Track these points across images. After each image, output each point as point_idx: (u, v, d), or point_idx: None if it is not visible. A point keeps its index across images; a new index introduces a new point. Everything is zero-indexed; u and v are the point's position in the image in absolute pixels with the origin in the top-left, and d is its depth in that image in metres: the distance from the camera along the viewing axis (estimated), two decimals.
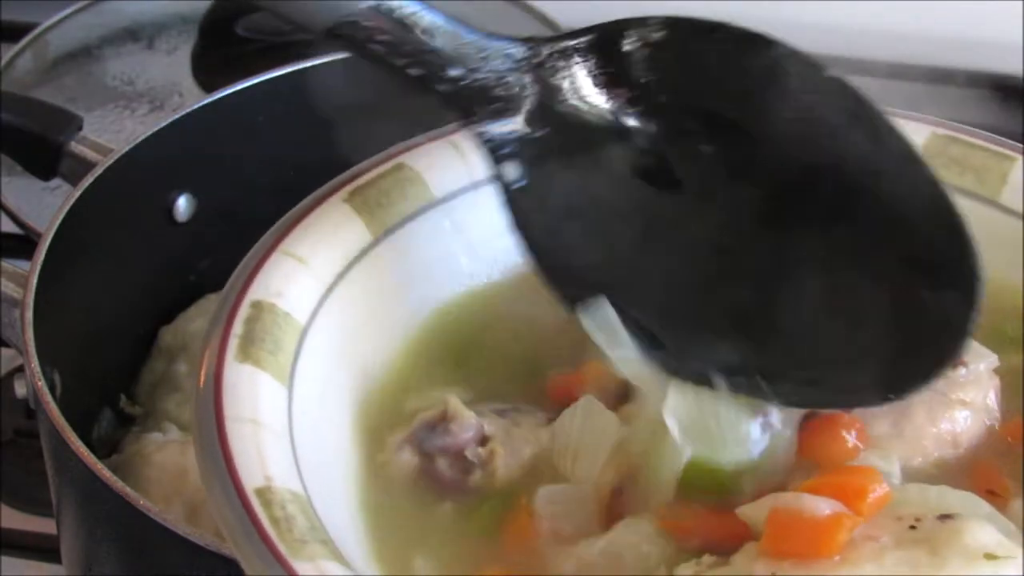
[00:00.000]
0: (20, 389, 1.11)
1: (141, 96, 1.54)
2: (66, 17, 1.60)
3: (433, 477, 0.82)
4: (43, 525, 1.23)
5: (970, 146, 0.95)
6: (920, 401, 0.83)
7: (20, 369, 1.13)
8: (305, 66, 1.27)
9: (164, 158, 1.21)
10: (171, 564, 0.94)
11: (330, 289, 0.85)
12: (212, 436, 0.74)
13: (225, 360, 0.78)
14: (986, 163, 0.94)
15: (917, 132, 0.94)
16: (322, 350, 0.82)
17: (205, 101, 1.24)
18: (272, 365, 0.79)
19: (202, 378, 0.77)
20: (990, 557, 0.73)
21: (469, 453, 0.82)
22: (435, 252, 0.91)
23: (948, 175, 0.92)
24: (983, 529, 0.74)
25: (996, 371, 0.86)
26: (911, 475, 0.82)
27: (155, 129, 1.21)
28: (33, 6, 1.65)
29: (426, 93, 0.85)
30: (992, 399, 0.85)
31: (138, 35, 1.62)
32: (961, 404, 0.84)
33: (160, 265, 1.23)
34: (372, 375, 0.86)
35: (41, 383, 1.00)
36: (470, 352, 0.89)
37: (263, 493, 0.72)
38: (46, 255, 1.08)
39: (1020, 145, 0.96)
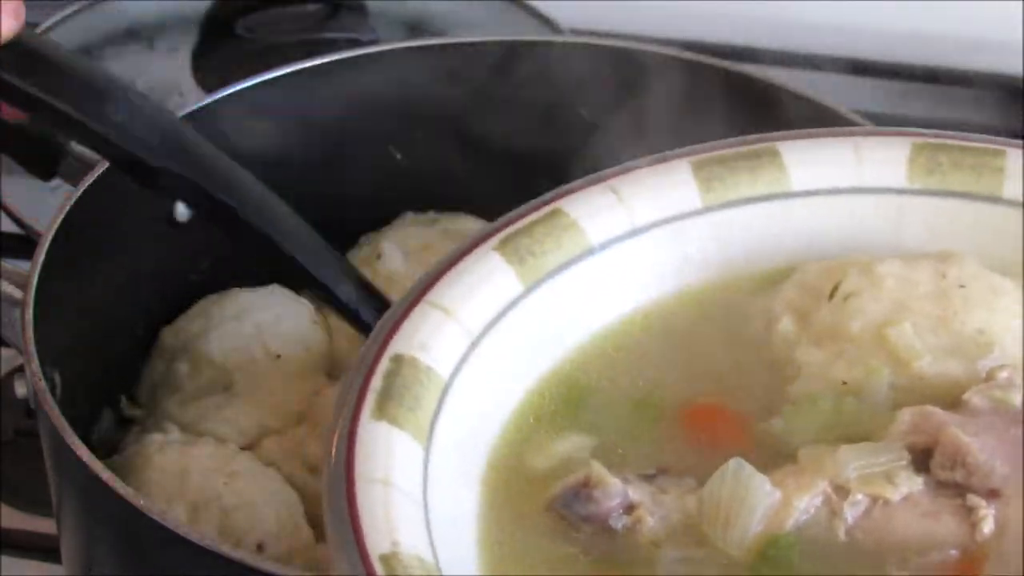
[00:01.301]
0: (20, 389, 1.11)
1: None
2: (66, 17, 1.59)
3: (575, 545, 0.78)
4: (43, 525, 1.23)
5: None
6: None
7: (20, 369, 1.13)
8: (305, 66, 1.27)
9: None
10: (171, 564, 0.94)
11: (476, 342, 0.81)
12: (341, 497, 0.71)
13: (361, 417, 0.75)
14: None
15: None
16: (464, 408, 0.79)
17: (205, 101, 1.24)
18: (410, 423, 0.76)
19: (335, 437, 0.75)
20: None
21: (614, 521, 0.78)
22: (586, 303, 0.87)
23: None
24: None
25: None
26: None
27: None
28: (33, 6, 1.63)
29: None
30: None
31: (138, 35, 1.62)
32: None
33: (160, 265, 1.23)
34: (508, 433, 0.83)
35: (41, 383, 1.00)
36: (602, 394, 0.86)
37: (388, 560, 0.69)
38: (46, 255, 1.08)
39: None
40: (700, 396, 0.85)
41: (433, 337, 0.80)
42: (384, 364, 0.77)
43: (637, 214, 0.88)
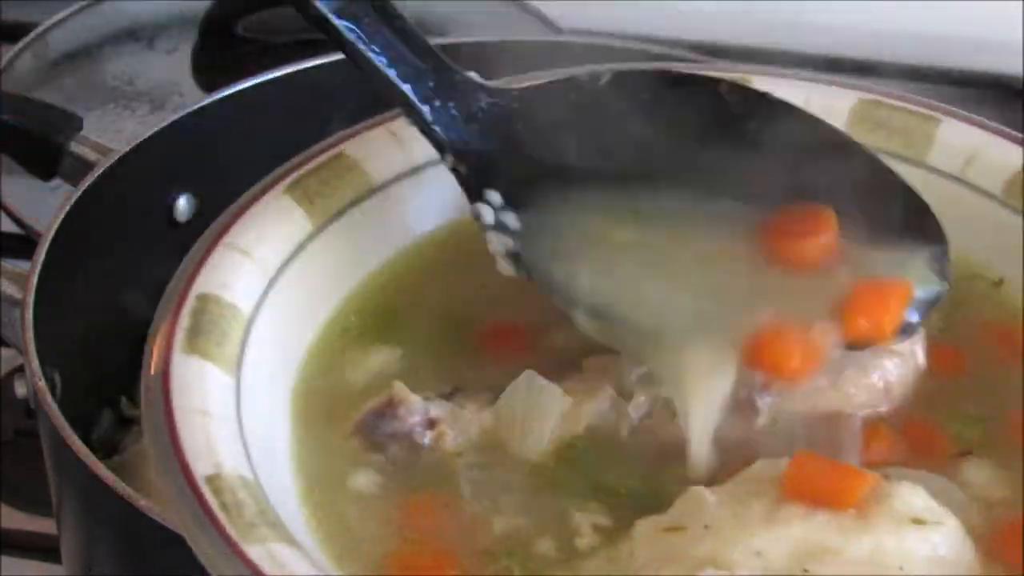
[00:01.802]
0: (20, 389, 1.11)
1: (141, 96, 1.54)
2: (66, 17, 1.60)
3: (382, 464, 0.83)
4: (43, 525, 1.23)
5: (895, 109, 0.97)
6: (850, 353, 0.84)
7: (20, 369, 1.14)
8: (305, 66, 1.27)
9: (164, 158, 1.21)
10: (171, 564, 0.94)
11: (273, 280, 0.86)
12: (162, 427, 0.76)
13: (173, 352, 0.80)
14: (910, 124, 0.96)
15: (844, 97, 0.97)
16: (267, 339, 0.84)
17: (205, 101, 1.24)
18: (219, 356, 0.81)
19: (152, 370, 0.79)
20: (918, 522, 0.74)
21: (417, 436, 0.83)
22: (374, 237, 0.93)
23: (876, 139, 0.94)
24: (914, 493, 0.75)
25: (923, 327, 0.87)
26: None
27: (155, 129, 1.21)
28: (33, 6, 1.65)
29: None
30: (919, 349, 0.86)
31: (138, 35, 1.62)
32: (890, 354, 0.85)
33: (161, 265, 1.22)
34: (312, 357, 0.88)
35: (41, 383, 1.00)
36: (402, 314, 0.91)
37: (213, 480, 0.74)
38: (46, 255, 1.08)
39: (944, 105, 0.98)
40: (492, 314, 0.91)
41: (232, 276, 0.85)
42: (190, 303, 0.83)
43: (415, 153, 0.94)
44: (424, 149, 0.92)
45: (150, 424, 0.77)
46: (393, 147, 0.94)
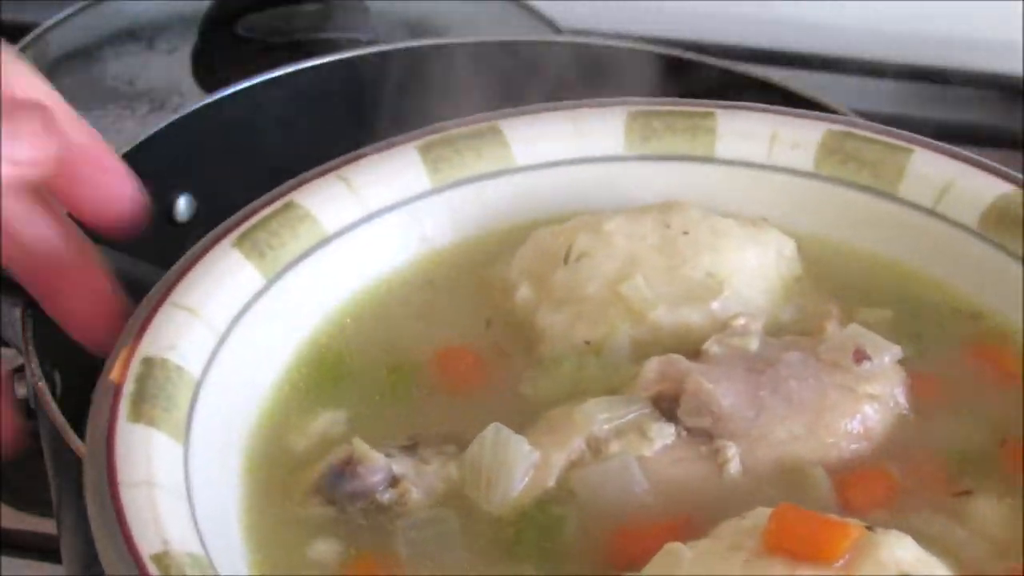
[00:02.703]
0: (20, 389, 1.11)
1: (141, 96, 1.54)
2: (66, 17, 1.60)
3: (342, 524, 0.79)
4: (43, 525, 1.23)
5: (865, 140, 0.94)
6: (829, 399, 0.82)
7: (20, 369, 1.13)
8: (305, 66, 1.27)
9: (164, 158, 1.20)
10: None
11: (223, 338, 0.84)
12: (106, 503, 0.73)
13: (117, 422, 0.76)
14: (881, 156, 0.94)
15: (812, 129, 0.95)
16: (217, 401, 0.81)
17: (205, 101, 1.24)
18: (166, 423, 0.77)
19: (92, 442, 0.76)
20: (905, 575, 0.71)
21: (380, 495, 0.80)
22: (327, 287, 0.90)
23: (845, 172, 0.93)
24: (900, 543, 0.73)
25: (901, 363, 0.85)
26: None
27: (155, 129, 1.21)
28: (33, 6, 1.65)
29: None
30: (900, 392, 0.84)
31: (138, 35, 1.62)
32: (869, 398, 0.83)
33: (160, 265, 1.22)
34: (265, 418, 0.85)
35: (41, 383, 1.00)
36: (358, 365, 0.88)
37: (161, 559, 0.71)
38: None
39: (916, 136, 0.95)
40: (450, 359, 0.89)
41: (180, 337, 0.82)
42: (135, 367, 0.79)
43: (369, 200, 0.92)
44: (379, 196, 0.91)
45: (92, 500, 0.74)
46: (345, 194, 0.91)
